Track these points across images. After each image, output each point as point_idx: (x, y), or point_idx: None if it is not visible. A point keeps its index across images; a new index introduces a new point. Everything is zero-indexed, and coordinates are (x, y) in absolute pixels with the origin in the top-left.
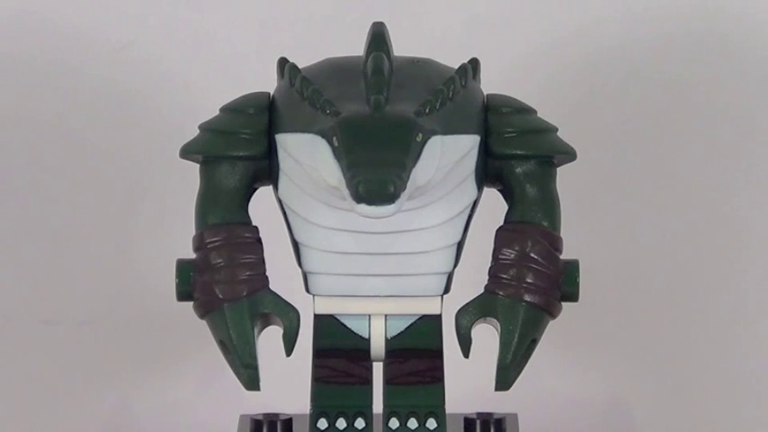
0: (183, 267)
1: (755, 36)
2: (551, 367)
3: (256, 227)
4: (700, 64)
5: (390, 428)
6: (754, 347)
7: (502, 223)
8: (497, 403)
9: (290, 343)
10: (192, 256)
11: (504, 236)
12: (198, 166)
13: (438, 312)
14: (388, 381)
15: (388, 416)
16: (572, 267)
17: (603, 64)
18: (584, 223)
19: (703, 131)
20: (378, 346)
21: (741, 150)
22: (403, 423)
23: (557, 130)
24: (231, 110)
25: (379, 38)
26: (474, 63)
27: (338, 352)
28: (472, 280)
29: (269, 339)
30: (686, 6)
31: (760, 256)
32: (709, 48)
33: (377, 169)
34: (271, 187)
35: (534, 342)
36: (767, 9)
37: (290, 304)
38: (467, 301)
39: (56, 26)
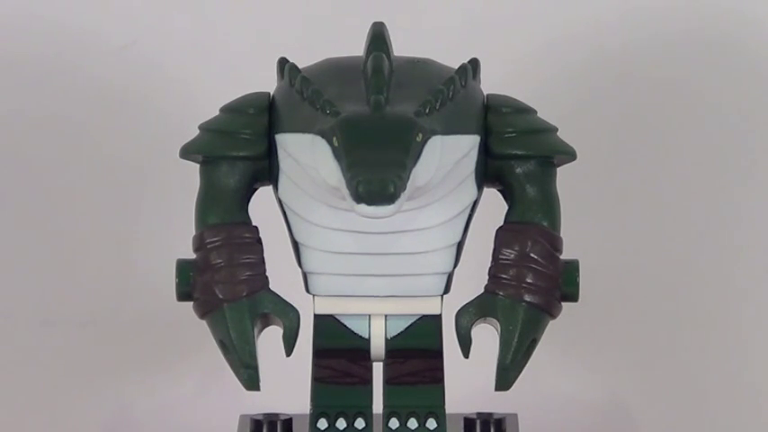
0: (183, 267)
1: (755, 36)
2: (551, 367)
3: (256, 227)
4: (699, 64)
5: (390, 428)
6: (753, 347)
7: (502, 223)
8: (497, 403)
9: (289, 343)
10: (193, 256)
11: (504, 236)
12: (198, 166)
13: (438, 312)
14: (388, 381)
15: (388, 416)
16: (572, 267)
17: (603, 64)
18: (584, 223)
19: (703, 131)
20: (378, 347)
21: (741, 150)
22: (403, 423)
23: (557, 130)
24: (231, 110)
25: (379, 38)
26: (474, 63)
27: (338, 352)
28: (472, 280)
29: (269, 339)
30: (686, 6)
31: (760, 256)
32: (710, 48)
33: (377, 169)
34: (271, 187)
35: (534, 342)
36: (767, 9)
37: (289, 304)
38: (467, 301)
39: (56, 26)
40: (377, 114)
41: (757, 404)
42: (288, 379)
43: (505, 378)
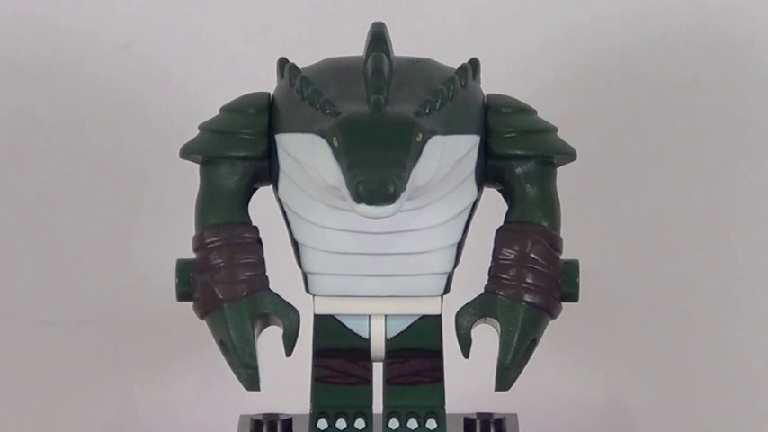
0: (183, 267)
1: (755, 36)
2: (551, 367)
3: (256, 227)
4: (699, 64)
5: (390, 428)
6: (753, 347)
7: (502, 223)
8: (497, 403)
9: (290, 343)
10: (192, 256)
11: (504, 236)
12: (198, 166)
13: (438, 312)
14: (388, 381)
15: (388, 416)
16: (572, 267)
17: (603, 64)
18: (584, 223)
19: (703, 131)
20: (378, 347)
21: (741, 150)
22: (403, 423)
23: (557, 130)
24: (231, 110)
25: (378, 38)
26: (474, 63)
27: (338, 352)
28: (472, 280)
29: (269, 339)
30: (686, 6)
31: (760, 256)
32: (710, 48)
33: (377, 169)
34: (271, 187)
35: (534, 342)
36: (767, 9)
37: (290, 304)
38: (467, 301)
39: (56, 26)
40: (377, 114)
41: (757, 404)
42: (288, 379)
43: (505, 378)
